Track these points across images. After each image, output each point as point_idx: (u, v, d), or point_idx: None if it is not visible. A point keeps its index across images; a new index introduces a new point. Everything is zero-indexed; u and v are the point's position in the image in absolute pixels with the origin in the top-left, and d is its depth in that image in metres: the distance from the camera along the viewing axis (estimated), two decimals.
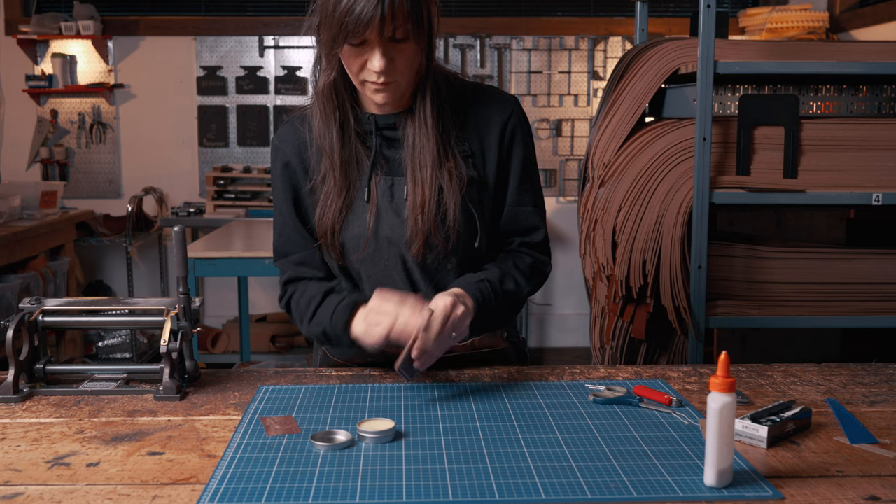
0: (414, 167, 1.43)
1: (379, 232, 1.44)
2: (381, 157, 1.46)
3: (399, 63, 1.34)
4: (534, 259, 1.53)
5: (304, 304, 1.49)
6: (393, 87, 1.37)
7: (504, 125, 1.48)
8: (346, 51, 1.34)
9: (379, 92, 1.37)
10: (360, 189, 1.46)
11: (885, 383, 1.43)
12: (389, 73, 1.34)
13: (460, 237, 1.44)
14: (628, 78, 2.36)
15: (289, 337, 4.82)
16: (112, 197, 5.10)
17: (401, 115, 1.46)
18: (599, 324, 2.46)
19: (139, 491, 1.01)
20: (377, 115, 1.46)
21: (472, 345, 1.53)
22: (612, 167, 2.36)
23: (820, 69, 2.23)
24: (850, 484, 1.03)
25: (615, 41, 4.97)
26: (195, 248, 3.36)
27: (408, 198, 1.43)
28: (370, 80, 1.35)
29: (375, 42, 1.31)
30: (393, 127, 1.46)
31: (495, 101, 1.50)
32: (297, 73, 5.03)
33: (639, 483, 1.03)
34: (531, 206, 1.52)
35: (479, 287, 1.41)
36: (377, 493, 1.00)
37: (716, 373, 1.02)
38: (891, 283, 2.32)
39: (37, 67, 4.98)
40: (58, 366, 1.41)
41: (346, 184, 1.45)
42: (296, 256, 1.52)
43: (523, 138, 1.50)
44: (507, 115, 1.49)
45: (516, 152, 1.50)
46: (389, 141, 1.47)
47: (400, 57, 1.34)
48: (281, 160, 1.51)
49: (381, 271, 1.47)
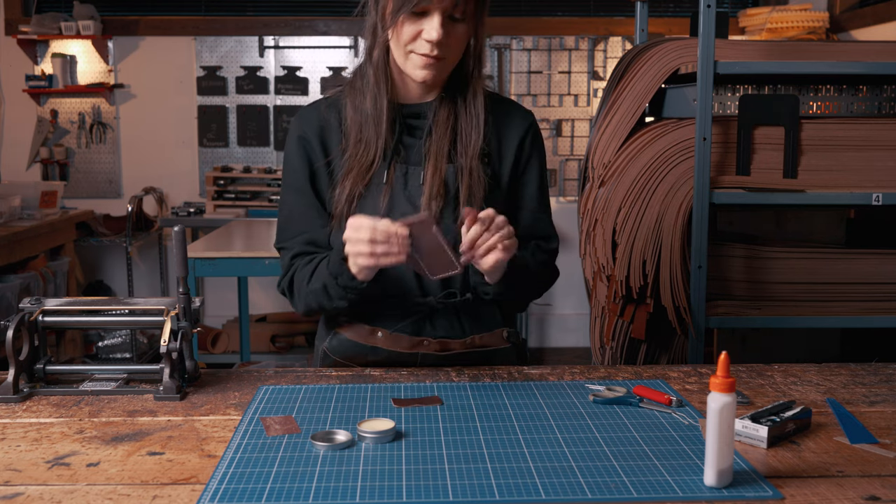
0: (438, 156, 1.45)
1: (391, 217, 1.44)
2: (400, 143, 1.49)
3: (451, 40, 1.39)
4: (547, 258, 1.57)
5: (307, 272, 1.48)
6: (439, 65, 1.41)
7: (525, 132, 1.54)
8: (405, 18, 1.37)
9: (425, 67, 1.41)
10: (378, 172, 1.47)
11: (885, 383, 1.43)
12: (443, 46, 1.38)
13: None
14: (628, 78, 2.36)
15: (289, 337, 4.82)
16: (112, 197, 5.10)
17: (430, 104, 1.49)
18: (599, 324, 2.46)
19: (139, 491, 1.01)
20: (403, 104, 1.50)
21: (472, 342, 1.52)
22: (612, 167, 2.36)
23: (820, 69, 2.23)
24: (850, 484, 1.03)
25: (615, 41, 4.97)
26: (195, 248, 3.36)
27: (424, 184, 1.45)
28: (421, 51, 1.39)
29: (436, 13, 1.36)
30: (417, 115, 1.49)
31: (515, 110, 1.57)
32: (297, 73, 5.03)
33: (639, 483, 1.03)
34: (547, 213, 1.59)
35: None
36: (377, 493, 1.00)
37: (716, 373, 1.02)
38: (891, 283, 2.32)
39: (37, 67, 4.98)
40: (58, 366, 1.41)
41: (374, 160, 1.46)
42: (307, 235, 1.52)
43: (540, 148, 1.57)
44: (528, 123, 1.56)
45: (535, 161, 1.56)
46: (410, 129, 1.50)
47: (453, 35, 1.39)
48: (296, 134, 1.52)
49: None
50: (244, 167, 4.95)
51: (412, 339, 1.50)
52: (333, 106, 1.53)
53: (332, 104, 1.53)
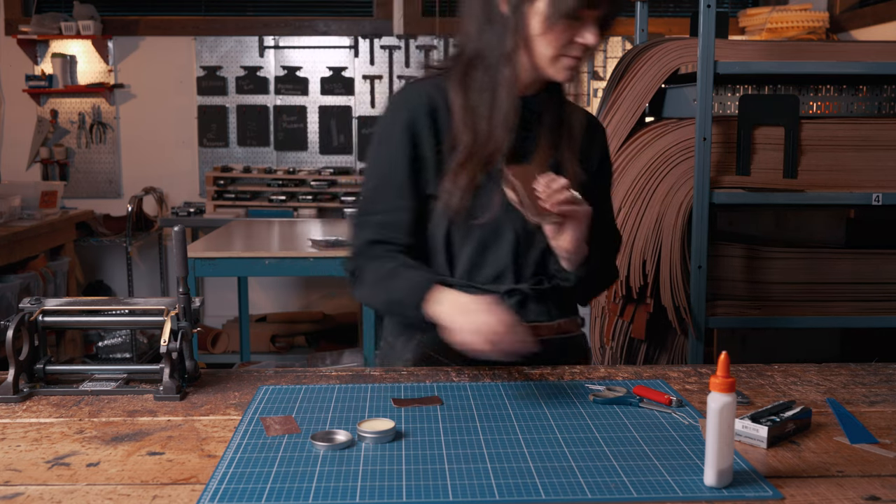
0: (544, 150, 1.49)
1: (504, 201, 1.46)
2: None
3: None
4: (613, 257, 1.65)
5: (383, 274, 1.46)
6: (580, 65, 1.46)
7: (605, 140, 1.63)
8: (561, 25, 1.39)
9: (571, 69, 1.44)
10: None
11: (885, 383, 1.43)
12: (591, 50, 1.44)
13: None
14: (628, 78, 2.36)
15: (289, 337, 4.82)
16: (112, 197, 5.10)
17: (538, 98, 1.51)
18: (599, 324, 2.46)
19: (139, 491, 1.01)
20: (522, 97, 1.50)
21: (559, 327, 1.55)
22: (613, 167, 2.36)
23: (820, 69, 2.24)
24: (850, 484, 1.03)
25: (615, 41, 4.97)
26: (195, 248, 3.36)
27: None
28: (573, 54, 1.42)
29: (592, 19, 1.40)
30: (526, 108, 1.50)
31: (593, 121, 1.62)
32: (297, 73, 5.03)
33: (639, 483, 1.03)
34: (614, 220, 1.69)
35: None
36: (377, 493, 1.00)
37: (716, 373, 1.02)
38: (891, 283, 2.32)
39: (37, 67, 4.98)
40: (58, 366, 1.41)
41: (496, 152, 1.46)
42: (389, 217, 1.49)
43: (610, 165, 1.68)
44: (604, 131, 1.64)
45: (605, 175, 1.64)
46: (522, 121, 1.49)
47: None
48: (407, 115, 1.47)
49: (490, 240, 1.48)
50: (244, 167, 4.96)
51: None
52: (438, 89, 1.49)
53: (436, 87, 1.49)
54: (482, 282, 1.50)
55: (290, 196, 4.85)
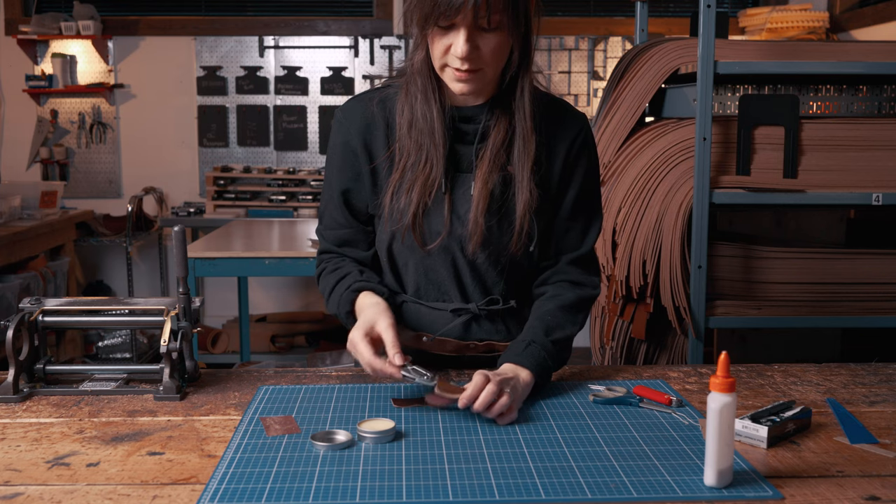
0: (488, 163, 1.40)
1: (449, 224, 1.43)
2: (452, 149, 1.44)
3: (484, 51, 1.32)
4: (578, 292, 1.50)
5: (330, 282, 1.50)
6: (476, 77, 1.34)
7: (573, 141, 1.47)
8: (434, 32, 1.32)
9: (460, 81, 1.35)
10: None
11: (885, 383, 1.43)
12: (473, 60, 1.32)
13: (519, 241, 1.42)
14: (628, 78, 2.37)
15: (289, 337, 4.82)
16: (112, 197, 5.10)
17: (481, 108, 1.43)
18: (599, 324, 2.46)
19: (139, 491, 1.01)
20: (456, 107, 1.43)
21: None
22: (612, 167, 2.37)
23: (820, 69, 2.24)
24: (850, 484, 1.03)
25: (615, 41, 4.97)
26: (195, 248, 3.36)
27: (473, 196, 1.41)
28: (452, 65, 1.33)
29: (462, 27, 1.29)
30: (468, 120, 1.43)
31: (567, 115, 1.49)
32: (297, 73, 5.03)
33: (639, 483, 1.03)
34: (584, 223, 1.51)
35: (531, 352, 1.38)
36: (377, 493, 1.00)
37: (716, 373, 1.02)
38: (891, 283, 2.32)
39: (37, 67, 4.98)
40: (58, 366, 1.41)
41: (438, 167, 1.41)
42: (337, 233, 1.52)
43: (588, 157, 1.50)
44: (577, 131, 1.48)
45: (579, 170, 1.48)
46: (461, 134, 1.44)
47: (486, 45, 1.32)
48: (342, 137, 1.48)
49: (429, 264, 1.46)
50: (244, 167, 4.95)
51: (458, 342, 1.49)
52: (384, 103, 1.47)
53: (383, 101, 1.48)
54: (430, 301, 1.49)
55: (290, 196, 4.85)
